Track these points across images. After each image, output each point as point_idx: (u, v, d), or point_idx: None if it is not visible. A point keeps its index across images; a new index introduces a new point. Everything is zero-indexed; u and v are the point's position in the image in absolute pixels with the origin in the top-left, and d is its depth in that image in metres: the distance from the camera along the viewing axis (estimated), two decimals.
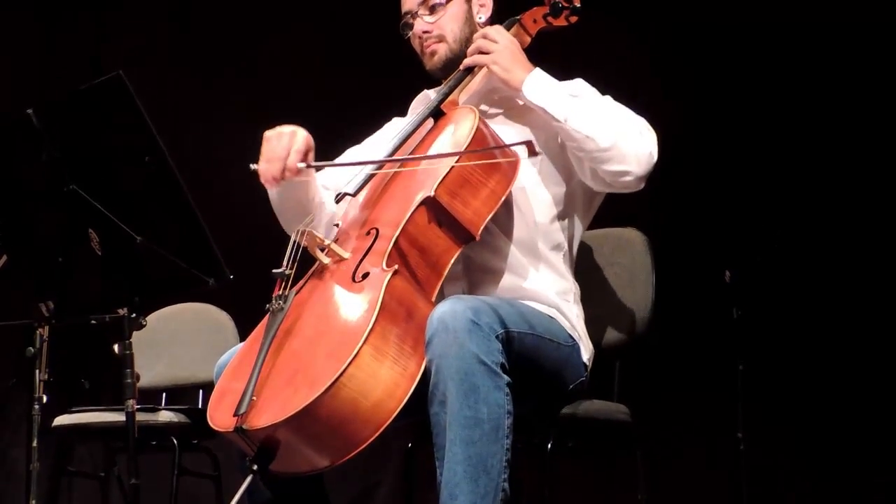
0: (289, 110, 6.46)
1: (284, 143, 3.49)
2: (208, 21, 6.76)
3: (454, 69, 3.74)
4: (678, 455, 5.62)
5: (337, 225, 3.67)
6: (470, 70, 3.71)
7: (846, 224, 5.67)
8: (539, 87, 3.59)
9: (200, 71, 6.71)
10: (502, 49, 3.64)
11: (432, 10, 3.77)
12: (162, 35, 6.81)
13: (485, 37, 3.67)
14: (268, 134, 3.53)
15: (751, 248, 5.41)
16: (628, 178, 3.52)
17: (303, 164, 3.49)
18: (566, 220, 3.69)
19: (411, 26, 3.79)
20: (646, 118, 3.64)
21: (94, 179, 3.24)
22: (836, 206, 5.70)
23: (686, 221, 5.65)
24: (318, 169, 3.61)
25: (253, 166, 3.48)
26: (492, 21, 3.81)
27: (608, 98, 3.66)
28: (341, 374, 3.05)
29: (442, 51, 3.76)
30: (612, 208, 3.81)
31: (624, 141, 3.49)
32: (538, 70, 3.63)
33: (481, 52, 3.66)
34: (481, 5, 3.82)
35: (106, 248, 3.29)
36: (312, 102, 6.49)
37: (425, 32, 3.77)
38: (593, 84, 3.71)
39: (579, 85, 3.69)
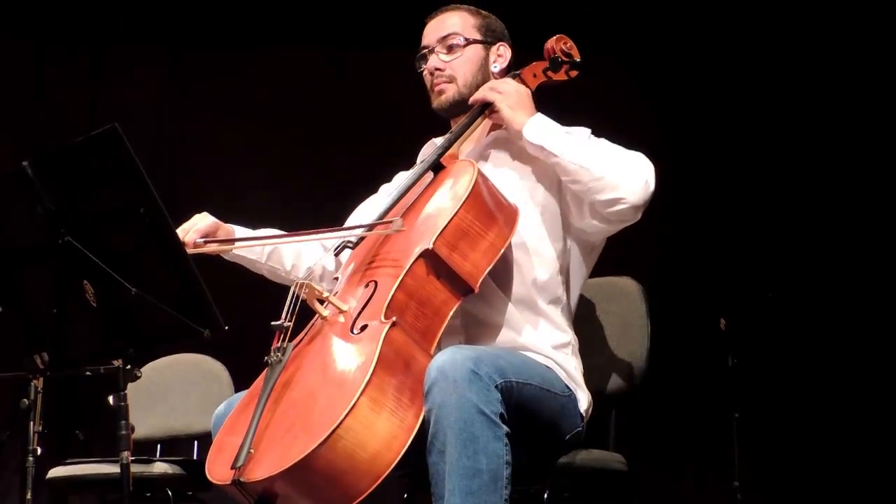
0: (291, 148, 6.57)
1: (190, 222, 3.73)
2: (210, 50, 6.79)
3: (460, 112, 3.76)
4: None
5: (336, 278, 3.68)
6: (470, 123, 3.71)
7: (841, 271, 5.69)
8: (539, 128, 3.60)
9: (202, 114, 6.73)
10: (511, 91, 3.67)
11: (450, 49, 3.78)
12: (163, 79, 6.83)
13: (493, 88, 3.70)
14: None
15: (746, 296, 5.42)
16: (623, 206, 3.51)
17: (200, 240, 3.69)
18: (564, 275, 3.68)
19: (426, 60, 3.81)
20: None
21: (89, 231, 3.23)
22: (830, 254, 5.71)
23: (681, 270, 5.66)
24: (220, 245, 3.77)
25: None
26: (506, 73, 3.82)
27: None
28: (338, 426, 3.04)
29: (450, 92, 3.77)
30: (606, 256, 3.81)
31: (617, 169, 3.50)
32: (540, 114, 3.65)
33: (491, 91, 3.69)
34: (499, 55, 3.83)
35: (101, 300, 3.28)
36: (314, 139, 6.53)
37: (437, 70, 3.78)
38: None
39: (585, 130, 3.70)
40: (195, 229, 3.70)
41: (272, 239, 3.79)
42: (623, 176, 3.50)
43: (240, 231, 3.83)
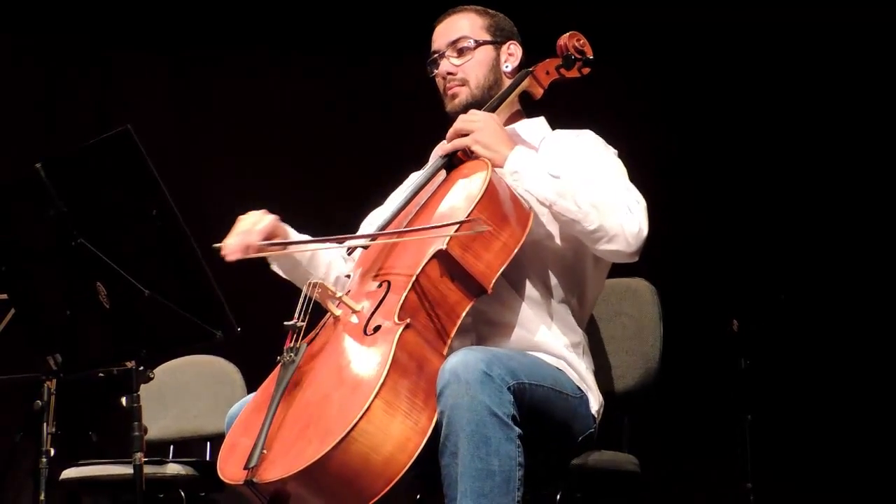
0: (300, 151, 6.57)
1: (251, 221, 3.62)
2: (214, 66, 6.80)
3: None
4: None
5: (348, 276, 3.67)
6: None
7: (853, 273, 5.67)
8: (521, 169, 3.50)
9: (211, 117, 6.73)
10: (483, 128, 3.57)
11: (460, 52, 3.77)
12: (171, 83, 6.84)
13: (459, 130, 3.59)
14: (241, 216, 3.65)
15: (758, 298, 5.41)
16: (619, 255, 3.49)
17: (264, 243, 3.59)
18: (577, 273, 3.67)
19: (437, 65, 3.80)
20: (652, 172, 3.63)
21: (102, 233, 3.24)
22: (842, 256, 5.70)
23: (693, 271, 5.65)
24: (283, 248, 3.69)
25: (216, 245, 3.53)
26: (517, 71, 3.80)
27: (611, 155, 3.65)
28: (352, 429, 3.04)
29: (463, 95, 3.76)
30: None
31: (610, 221, 3.43)
32: (518, 148, 3.54)
33: (461, 135, 3.59)
34: (510, 54, 3.82)
35: (114, 302, 3.28)
36: (321, 148, 6.53)
37: (450, 74, 3.77)
38: (602, 135, 3.70)
39: (584, 139, 3.67)
40: (259, 230, 3.60)
41: (325, 242, 3.73)
42: (616, 228, 3.43)
43: (292, 232, 3.76)
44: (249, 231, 3.59)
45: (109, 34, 6.74)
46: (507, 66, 3.81)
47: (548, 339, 3.57)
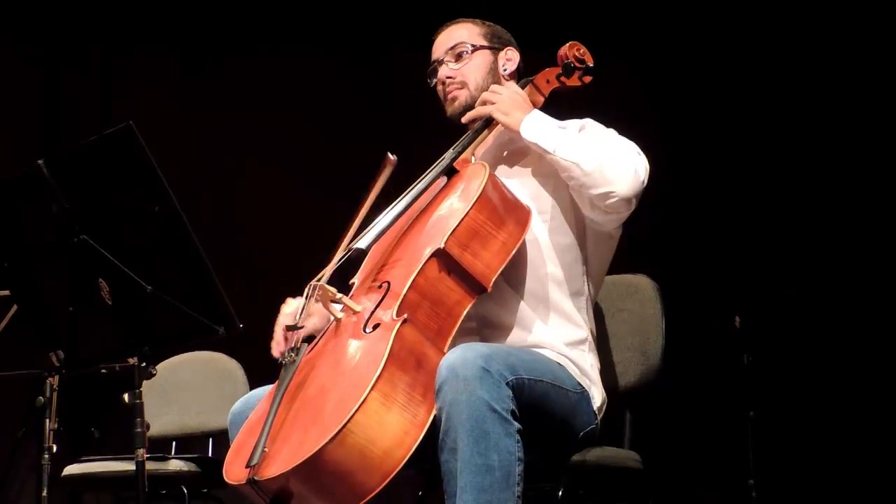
0: (302, 153, 6.57)
1: (276, 323, 3.68)
2: (220, 63, 6.80)
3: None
4: (690, 502, 5.60)
5: (352, 284, 3.68)
6: (482, 129, 3.74)
7: (856, 269, 5.68)
8: (534, 125, 3.63)
9: (215, 114, 6.73)
10: (505, 98, 3.69)
11: (458, 57, 3.83)
12: (175, 79, 6.84)
13: (491, 91, 3.73)
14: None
15: (760, 294, 5.41)
16: (613, 200, 3.51)
17: (285, 330, 3.61)
18: (578, 269, 3.68)
19: (437, 72, 3.84)
20: (653, 168, 3.64)
21: (105, 229, 3.24)
22: (845, 252, 5.71)
23: (696, 268, 5.65)
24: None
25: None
26: (516, 76, 3.86)
27: (612, 131, 3.68)
28: (348, 421, 3.05)
29: (463, 97, 3.80)
30: (621, 254, 3.81)
31: (607, 163, 3.51)
32: (536, 111, 3.67)
33: (485, 105, 3.71)
34: (508, 59, 3.87)
35: (116, 298, 3.28)
36: (324, 145, 6.53)
37: (448, 78, 3.82)
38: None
39: (583, 121, 3.71)
40: (279, 327, 3.64)
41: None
42: (613, 170, 3.51)
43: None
44: (281, 323, 3.64)
45: (110, 33, 6.74)
46: (505, 70, 3.85)
47: (547, 337, 3.58)
